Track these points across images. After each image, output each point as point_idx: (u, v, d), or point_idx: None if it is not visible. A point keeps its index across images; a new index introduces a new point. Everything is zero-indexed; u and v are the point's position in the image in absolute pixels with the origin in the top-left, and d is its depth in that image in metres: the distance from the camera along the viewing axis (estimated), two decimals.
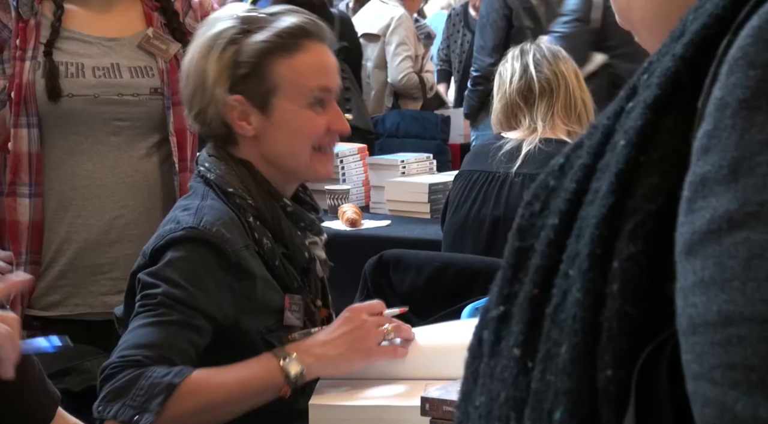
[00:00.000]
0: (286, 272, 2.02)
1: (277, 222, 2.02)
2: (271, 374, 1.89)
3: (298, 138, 2.02)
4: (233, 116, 2.01)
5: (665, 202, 0.66)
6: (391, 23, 6.42)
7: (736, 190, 0.60)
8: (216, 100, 2.00)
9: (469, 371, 0.78)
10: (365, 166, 4.34)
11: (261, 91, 2.00)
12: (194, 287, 1.88)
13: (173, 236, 1.92)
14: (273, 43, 1.99)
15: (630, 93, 0.73)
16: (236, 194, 2.00)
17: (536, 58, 3.23)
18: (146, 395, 1.77)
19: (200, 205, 1.98)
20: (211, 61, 2.00)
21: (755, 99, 0.61)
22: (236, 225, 1.96)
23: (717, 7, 0.68)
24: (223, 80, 1.99)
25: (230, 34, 2.00)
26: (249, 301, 1.95)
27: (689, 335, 0.61)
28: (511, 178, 3.11)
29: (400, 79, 6.40)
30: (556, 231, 0.73)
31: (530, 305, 0.72)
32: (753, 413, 0.56)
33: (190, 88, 2.04)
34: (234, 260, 1.92)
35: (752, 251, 0.59)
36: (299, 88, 2.01)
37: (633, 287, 0.66)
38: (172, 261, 1.90)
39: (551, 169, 0.77)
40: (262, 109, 2.01)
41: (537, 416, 0.69)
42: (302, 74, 2.01)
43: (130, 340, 1.84)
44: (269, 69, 1.99)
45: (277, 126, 2.02)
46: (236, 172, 2.03)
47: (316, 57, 2.05)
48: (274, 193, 2.04)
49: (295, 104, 2.02)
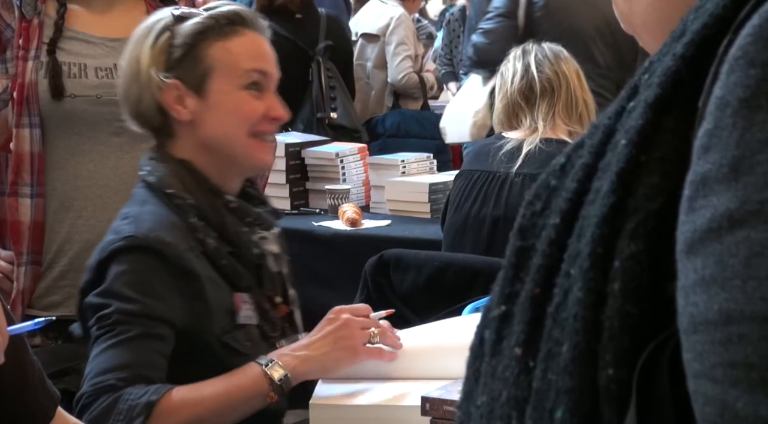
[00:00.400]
0: (235, 271, 1.98)
1: (220, 219, 1.98)
2: (255, 382, 1.87)
3: (233, 120, 2.00)
4: (169, 100, 1.99)
5: (666, 202, 0.67)
6: (390, 23, 6.41)
7: (737, 189, 0.60)
8: (151, 85, 1.98)
9: (470, 370, 0.78)
10: (365, 166, 4.34)
11: (196, 74, 1.98)
12: (146, 296, 1.86)
13: (114, 247, 1.89)
14: (207, 25, 1.99)
15: (631, 92, 0.74)
16: (176, 195, 1.97)
17: (538, 58, 3.23)
18: (126, 419, 1.76)
19: (139, 211, 1.96)
20: (145, 49, 1.99)
21: (755, 98, 0.62)
22: (177, 228, 1.93)
23: (717, 7, 0.68)
24: (158, 64, 1.98)
25: (163, 23, 2.01)
26: (199, 303, 1.91)
27: (690, 333, 0.61)
28: (512, 178, 3.11)
29: (400, 78, 6.40)
30: (558, 230, 0.73)
31: (531, 305, 0.72)
32: (754, 411, 0.57)
33: (125, 81, 2.03)
34: (177, 263, 1.89)
35: (753, 249, 0.59)
36: (234, 69, 1.99)
37: (634, 286, 0.66)
38: (118, 275, 1.87)
39: (552, 168, 0.78)
40: (198, 92, 1.99)
41: (538, 416, 0.69)
42: (238, 55, 2.00)
43: (97, 366, 1.82)
44: (204, 51, 1.98)
45: (213, 108, 1.99)
46: (176, 172, 2.00)
47: (253, 42, 2.03)
48: (215, 190, 2.00)
49: (231, 85, 2.00)
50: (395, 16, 6.43)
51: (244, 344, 1.94)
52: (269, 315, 2.02)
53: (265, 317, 2.01)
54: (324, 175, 4.26)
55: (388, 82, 6.49)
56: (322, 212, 4.15)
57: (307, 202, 4.28)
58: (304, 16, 5.42)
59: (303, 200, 4.28)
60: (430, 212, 4.03)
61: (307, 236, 3.91)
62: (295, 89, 5.30)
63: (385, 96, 6.52)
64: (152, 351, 1.84)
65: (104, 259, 1.90)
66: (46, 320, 1.58)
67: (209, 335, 1.91)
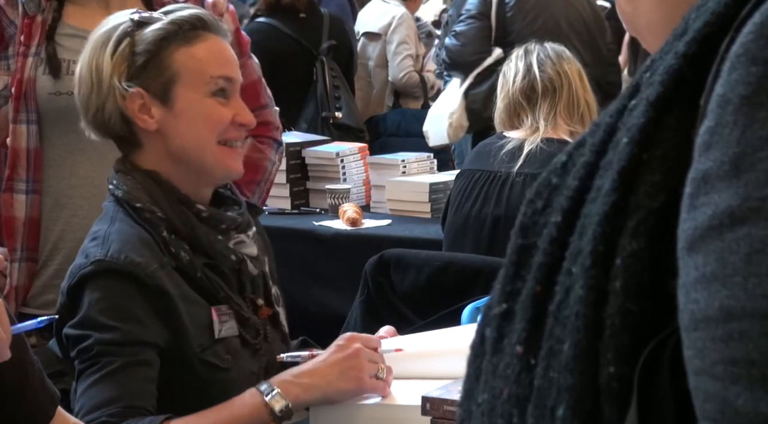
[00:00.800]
0: (211, 283, 1.92)
1: (191, 231, 1.92)
2: (256, 412, 1.83)
3: (202, 128, 1.94)
4: (133, 109, 1.92)
5: (668, 199, 0.67)
6: (392, 22, 6.43)
7: (738, 186, 0.61)
8: (114, 94, 1.92)
9: (471, 368, 0.78)
10: (366, 166, 4.34)
11: (161, 81, 1.92)
12: (124, 322, 1.82)
13: (83, 272, 1.85)
14: (170, 31, 1.93)
15: (633, 91, 0.74)
16: (144, 209, 1.91)
17: (540, 57, 3.24)
18: None
19: (107, 231, 1.90)
20: (106, 56, 1.92)
21: (757, 95, 0.62)
22: (148, 245, 1.88)
23: (719, 5, 0.68)
24: (120, 72, 1.92)
25: (124, 28, 1.94)
26: (175, 322, 1.86)
27: (691, 330, 0.61)
28: (513, 177, 3.11)
29: (401, 77, 6.41)
30: (559, 228, 0.73)
31: (533, 303, 0.72)
32: (754, 408, 0.57)
33: (85, 87, 1.95)
34: (150, 283, 1.84)
35: (753, 246, 0.59)
36: (201, 75, 1.94)
37: (635, 283, 0.66)
38: (92, 303, 1.83)
39: (554, 166, 0.78)
40: (163, 100, 1.93)
41: (540, 413, 0.69)
42: (203, 61, 1.94)
43: (86, 403, 1.78)
44: (168, 58, 1.92)
45: (180, 117, 1.93)
46: (142, 185, 1.93)
47: (216, 47, 1.98)
48: (185, 200, 1.94)
49: (198, 93, 1.94)
50: (397, 15, 6.44)
51: (224, 358, 1.90)
52: (249, 323, 1.96)
53: (245, 326, 1.95)
54: (324, 175, 4.26)
55: (389, 81, 6.50)
56: (322, 212, 4.15)
57: (308, 201, 4.28)
58: (308, 16, 5.45)
59: (303, 200, 4.28)
60: (430, 212, 4.03)
61: (308, 235, 3.91)
62: (299, 88, 5.32)
63: (386, 95, 6.53)
64: (139, 379, 1.80)
65: (75, 285, 1.86)
66: (48, 318, 1.57)
67: (188, 353, 1.87)
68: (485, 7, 4.81)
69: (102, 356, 1.80)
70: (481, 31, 4.78)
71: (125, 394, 1.78)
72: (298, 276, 3.72)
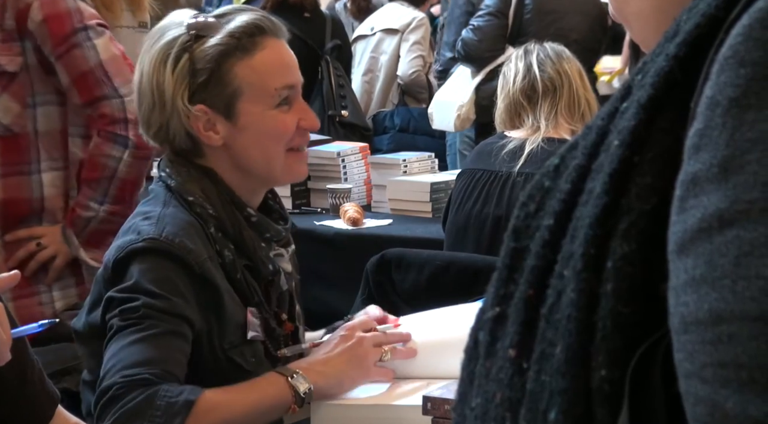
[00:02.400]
0: (248, 286, 1.93)
1: (239, 233, 1.93)
2: (281, 392, 1.84)
3: (270, 141, 1.94)
4: (198, 127, 1.91)
5: (659, 202, 0.67)
6: (412, 22, 6.49)
7: (727, 189, 0.61)
8: (178, 113, 1.90)
9: (465, 372, 0.78)
10: (367, 165, 4.34)
11: (224, 97, 1.91)
12: (172, 294, 1.81)
13: (134, 247, 1.84)
14: (228, 45, 1.90)
15: (624, 93, 0.74)
16: (197, 203, 1.91)
17: (540, 57, 3.23)
18: (165, 415, 1.71)
19: (162, 213, 1.90)
20: (167, 74, 1.89)
21: (745, 97, 0.62)
22: (199, 235, 1.88)
23: (710, 7, 0.68)
24: (182, 91, 1.89)
25: (181, 42, 1.90)
26: (214, 314, 1.87)
27: (681, 333, 0.61)
28: (514, 177, 3.11)
29: (410, 74, 6.45)
30: (551, 232, 0.73)
31: (525, 306, 0.72)
32: (743, 410, 0.57)
33: (146, 105, 1.93)
34: (199, 271, 1.85)
35: (742, 248, 0.59)
36: (263, 89, 1.92)
37: (627, 286, 0.66)
38: (143, 272, 1.82)
39: (546, 170, 0.78)
40: (228, 116, 1.92)
41: (532, 417, 0.69)
42: (264, 74, 1.92)
43: (125, 358, 1.77)
44: (229, 73, 1.90)
45: (245, 131, 1.93)
46: (197, 179, 1.94)
47: (276, 54, 1.95)
48: (237, 202, 1.95)
49: (261, 106, 1.93)
50: (418, 17, 6.52)
51: (248, 360, 1.91)
52: (275, 333, 1.98)
53: (270, 335, 1.97)
54: (325, 175, 4.26)
55: (396, 78, 6.53)
56: (323, 211, 4.15)
57: (309, 201, 4.28)
58: (312, 16, 5.49)
59: (304, 199, 4.28)
60: (431, 212, 4.03)
61: (309, 235, 3.90)
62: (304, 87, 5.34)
63: (391, 92, 6.55)
64: (177, 350, 1.81)
65: (122, 258, 1.85)
66: (49, 321, 1.58)
67: (216, 347, 1.88)
68: (504, 5, 4.90)
69: (147, 318, 1.79)
70: (498, 29, 4.88)
71: (166, 358, 1.78)
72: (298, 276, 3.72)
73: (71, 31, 2.59)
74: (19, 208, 2.61)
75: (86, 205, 2.66)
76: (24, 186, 2.60)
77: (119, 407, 1.72)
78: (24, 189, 2.60)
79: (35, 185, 2.61)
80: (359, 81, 6.36)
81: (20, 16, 2.57)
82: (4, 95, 2.56)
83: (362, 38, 6.54)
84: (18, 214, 2.62)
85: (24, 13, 2.57)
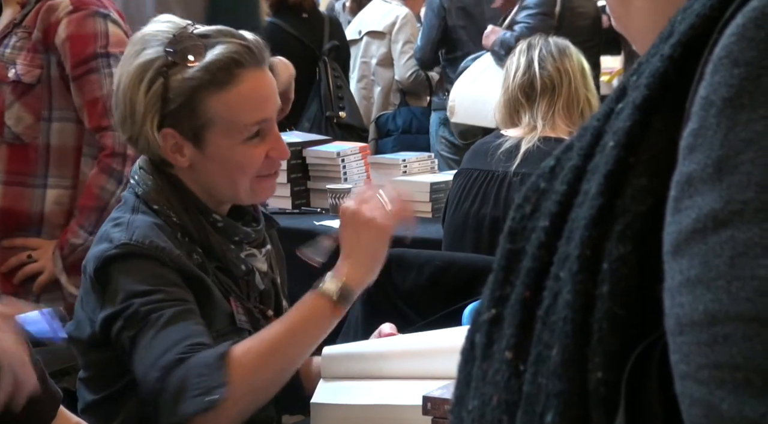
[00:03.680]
0: (222, 284, 1.95)
1: (205, 238, 1.94)
2: (315, 306, 1.84)
3: (236, 172, 1.94)
4: (165, 148, 1.92)
5: (654, 203, 0.66)
6: (396, 22, 6.46)
7: (721, 189, 0.60)
8: (147, 130, 1.91)
9: (461, 374, 0.78)
10: (367, 165, 4.34)
11: (193, 126, 1.91)
12: (164, 285, 1.83)
13: (108, 255, 1.86)
14: (203, 80, 1.89)
15: (619, 94, 0.73)
16: (161, 211, 1.94)
17: (542, 53, 3.18)
18: (205, 376, 1.72)
19: (131, 218, 1.91)
20: (140, 94, 1.90)
21: (739, 97, 0.62)
22: (169, 237, 1.90)
23: (704, 7, 0.68)
24: (153, 115, 1.90)
25: (158, 66, 1.89)
26: (201, 303, 1.88)
27: (676, 335, 0.61)
28: (510, 177, 3.09)
29: (408, 76, 6.44)
30: (547, 233, 0.73)
31: (521, 308, 0.72)
32: (739, 412, 0.57)
33: (120, 114, 1.95)
34: (175, 267, 1.86)
35: (737, 249, 0.59)
36: (235, 124, 1.91)
37: (622, 288, 0.66)
38: (125, 279, 1.84)
39: (542, 171, 0.77)
40: (196, 144, 1.92)
41: (529, 420, 0.69)
42: (238, 110, 1.91)
43: (152, 354, 1.77)
44: (201, 104, 1.89)
45: (212, 159, 1.93)
46: (162, 189, 1.95)
47: (252, 88, 1.92)
48: (203, 209, 1.96)
49: (231, 140, 1.92)
50: (401, 15, 6.48)
51: None
52: (260, 324, 1.97)
53: (255, 326, 1.96)
54: (325, 175, 4.26)
55: (393, 80, 6.52)
56: (323, 212, 4.15)
57: (309, 201, 4.28)
58: (310, 17, 5.49)
59: (304, 200, 4.27)
60: (431, 212, 4.03)
61: (309, 235, 3.88)
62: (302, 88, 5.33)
63: (391, 93, 6.55)
64: (193, 323, 1.81)
65: (101, 267, 1.86)
66: (52, 310, 1.56)
67: None
68: (551, 6, 5.04)
69: (150, 313, 1.80)
70: (550, 29, 4.93)
71: (186, 335, 1.78)
72: (298, 276, 3.71)
73: (91, 55, 2.59)
74: (17, 218, 2.61)
75: (76, 232, 2.66)
76: (24, 197, 2.60)
77: (166, 395, 1.73)
78: (24, 200, 2.60)
79: (36, 199, 2.60)
80: (355, 87, 6.36)
81: (49, 29, 2.57)
82: (17, 104, 2.56)
83: (353, 43, 6.53)
84: (15, 223, 2.61)
85: (53, 27, 2.57)
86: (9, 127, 2.54)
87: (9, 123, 2.54)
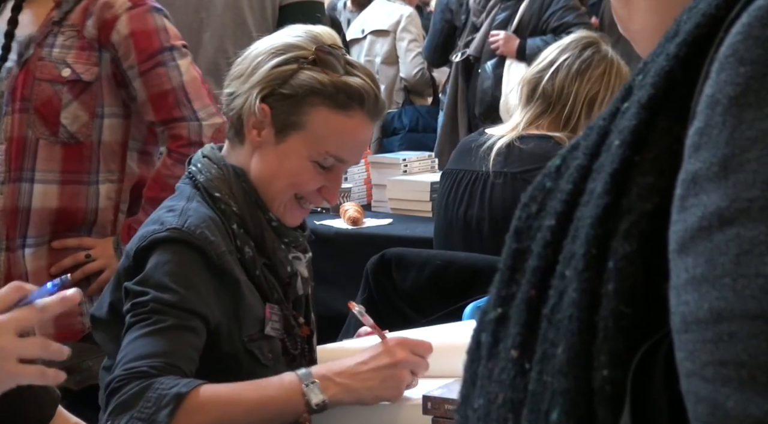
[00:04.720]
0: (267, 282, 1.97)
1: (260, 233, 1.98)
2: (292, 398, 1.81)
3: (287, 179, 1.98)
4: (250, 119, 1.97)
5: (660, 202, 0.67)
6: (401, 20, 6.48)
7: (727, 187, 0.61)
8: (249, 96, 1.96)
9: (467, 373, 0.78)
10: (367, 165, 4.34)
11: (287, 119, 1.96)
12: (184, 288, 1.84)
13: (156, 237, 1.88)
14: (325, 91, 1.94)
15: (625, 93, 0.74)
16: (222, 200, 1.96)
17: (567, 61, 3.00)
18: (154, 406, 1.72)
19: (185, 206, 1.94)
20: (267, 65, 1.95)
21: (745, 96, 0.62)
22: (220, 229, 1.92)
23: (710, 6, 0.68)
24: (264, 86, 1.95)
25: (299, 54, 1.96)
26: (233, 306, 1.90)
27: (682, 332, 0.61)
28: (492, 177, 3.00)
29: (414, 74, 6.46)
30: (553, 232, 0.73)
31: (527, 307, 0.72)
32: (744, 409, 0.57)
33: (240, 70, 2.00)
34: (218, 263, 1.88)
35: (742, 247, 0.59)
36: (321, 144, 1.96)
37: (628, 286, 0.66)
38: (159, 264, 1.86)
39: (548, 170, 0.78)
40: (278, 132, 1.97)
41: (534, 418, 0.69)
42: (331, 135, 1.96)
43: (131, 352, 1.79)
44: (308, 107, 1.95)
45: (279, 155, 1.98)
46: (226, 177, 1.99)
47: (355, 128, 1.98)
48: (261, 204, 1.99)
49: (306, 151, 1.97)
50: (405, 14, 6.50)
51: (266, 355, 1.93)
52: (293, 332, 2.00)
53: (289, 333, 2.00)
54: None
55: (398, 78, 6.53)
56: (323, 211, 4.15)
57: None
58: None
59: None
60: (431, 211, 4.03)
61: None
62: None
63: (395, 92, 6.56)
64: (185, 343, 1.82)
65: (144, 247, 1.88)
66: (61, 279, 1.55)
67: (236, 339, 1.90)
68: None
69: (155, 313, 1.82)
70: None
71: (169, 351, 1.79)
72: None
73: (158, 49, 2.59)
74: (74, 218, 2.59)
75: None
76: (81, 196, 2.59)
77: (116, 398, 1.74)
78: (81, 199, 2.59)
79: (92, 196, 2.60)
80: None
81: (105, 26, 2.56)
82: (75, 103, 2.56)
83: (355, 42, 6.54)
84: (70, 222, 2.60)
85: (110, 24, 2.56)
86: (65, 127, 2.54)
87: (65, 122, 2.54)
